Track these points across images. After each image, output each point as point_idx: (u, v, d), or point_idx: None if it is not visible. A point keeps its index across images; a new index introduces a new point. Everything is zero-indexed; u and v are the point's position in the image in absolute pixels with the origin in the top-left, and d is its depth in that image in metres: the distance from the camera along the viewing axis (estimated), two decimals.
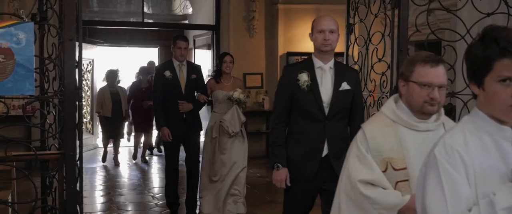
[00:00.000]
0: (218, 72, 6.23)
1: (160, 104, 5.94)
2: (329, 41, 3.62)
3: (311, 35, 3.72)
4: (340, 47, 6.60)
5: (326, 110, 3.61)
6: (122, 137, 10.60)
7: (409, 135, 2.56)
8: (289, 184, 3.66)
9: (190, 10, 12.73)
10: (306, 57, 11.78)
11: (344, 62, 5.02)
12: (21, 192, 5.21)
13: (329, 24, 3.68)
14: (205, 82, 6.30)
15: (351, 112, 3.74)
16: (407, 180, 2.51)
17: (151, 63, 11.33)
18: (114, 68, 10.17)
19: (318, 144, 3.62)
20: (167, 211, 6.38)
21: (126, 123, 11.16)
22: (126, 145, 11.68)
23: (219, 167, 6.00)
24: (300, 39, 10.32)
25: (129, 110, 10.11)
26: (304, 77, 3.60)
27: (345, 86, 3.66)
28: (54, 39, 3.95)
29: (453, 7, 4.39)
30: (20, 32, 3.54)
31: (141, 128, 10.21)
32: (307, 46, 10.44)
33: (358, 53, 4.72)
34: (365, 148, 2.55)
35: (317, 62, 3.68)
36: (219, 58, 6.32)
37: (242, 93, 6.05)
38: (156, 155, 11.04)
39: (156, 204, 6.85)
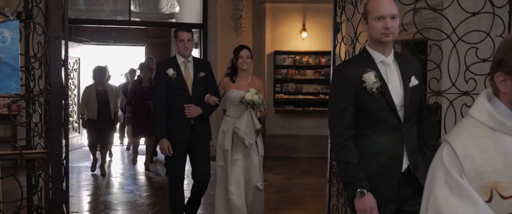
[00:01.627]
0: (233, 70, 5.33)
1: (160, 109, 5.02)
2: (391, 30, 2.88)
3: (365, 23, 2.97)
4: (327, 46, 6.63)
5: (401, 114, 2.88)
6: (111, 143, 9.51)
7: None
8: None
9: (177, 9, 12.70)
10: (293, 56, 11.73)
11: (331, 62, 5.03)
12: (6, 191, 5.16)
13: (390, 8, 2.93)
14: (217, 82, 5.44)
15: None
16: None
17: (150, 59, 10.64)
18: (102, 65, 9.34)
19: (397, 157, 2.89)
20: (155, 209, 6.36)
21: (118, 126, 10.32)
22: (117, 143, 11.63)
23: (234, 182, 5.16)
24: (287, 38, 10.35)
25: (127, 113, 9.29)
26: (371, 77, 2.83)
27: (414, 81, 2.96)
28: (39, 38, 3.92)
29: (439, 6, 4.42)
30: (5, 30, 3.51)
31: (141, 131, 9.17)
32: (295, 45, 10.48)
33: (345, 52, 4.73)
34: (457, 171, 1.80)
35: (377, 56, 2.92)
36: (234, 53, 5.34)
37: (256, 94, 5.10)
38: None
39: (142, 203, 6.83)
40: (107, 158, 9.58)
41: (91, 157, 9.00)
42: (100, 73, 8.79)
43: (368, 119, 2.88)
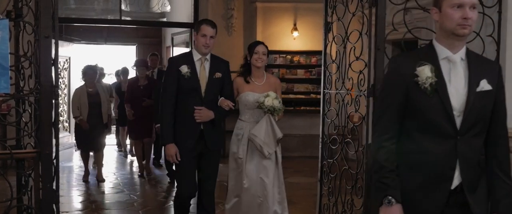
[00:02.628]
0: (247, 68, 4.84)
1: (169, 110, 4.42)
2: (469, 22, 2.46)
3: (436, 10, 2.56)
4: (318, 46, 6.64)
5: (458, 121, 2.46)
6: (104, 146, 8.45)
7: None
8: None
9: (168, 8, 12.68)
10: (285, 55, 11.68)
11: (322, 61, 5.04)
12: None
13: None
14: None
15: (489, 123, 2.56)
16: None
17: (154, 55, 9.66)
18: (93, 63, 8.57)
19: (446, 170, 2.47)
20: (146, 209, 6.34)
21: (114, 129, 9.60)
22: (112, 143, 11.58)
23: (248, 198, 4.67)
24: (278, 37, 10.35)
25: (127, 111, 8.37)
26: (426, 72, 2.45)
27: (485, 85, 2.50)
28: (29, 37, 3.90)
29: (429, 6, 4.42)
30: None
31: (139, 133, 8.38)
32: (286, 44, 10.49)
33: (336, 51, 4.74)
34: None
35: (443, 51, 2.51)
36: (248, 49, 4.86)
37: (276, 98, 4.59)
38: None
39: (133, 203, 6.81)
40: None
41: (83, 165, 8.19)
42: (90, 73, 7.89)
43: (417, 120, 2.49)
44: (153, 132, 8.31)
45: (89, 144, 7.87)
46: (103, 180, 7.95)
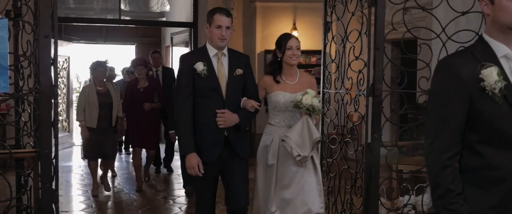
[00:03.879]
0: (277, 66, 4.21)
1: (186, 115, 3.81)
2: None
3: (486, 3, 2.23)
4: (317, 45, 6.65)
5: None
6: (115, 157, 7.55)
7: None
8: None
9: (167, 8, 12.66)
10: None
11: (321, 61, 5.04)
12: None
13: None
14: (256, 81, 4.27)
15: None
16: None
17: (156, 53, 8.76)
18: (103, 59, 7.33)
19: None
20: (145, 208, 6.34)
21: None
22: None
23: (281, 208, 4.05)
24: (278, 36, 10.34)
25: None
26: (493, 75, 2.05)
27: None
28: (29, 36, 3.90)
29: (428, 5, 4.44)
30: None
31: (141, 143, 7.39)
32: None
33: (336, 51, 4.75)
34: None
35: (500, 48, 2.14)
36: (277, 44, 4.20)
37: (316, 96, 4.02)
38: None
39: (133, 202, 6.81)
40: (109, 173, 7.77)
41: (92, 177, 7.12)
42: (100, 69, 6.94)
43: (484, 131, 2.09)
44: (157, 142, 7.76)
45: (99, 151, 6.87)
46: (109, 189, 7.21)
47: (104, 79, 7.06)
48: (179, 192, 7.27)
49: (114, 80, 9.58)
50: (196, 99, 3.83)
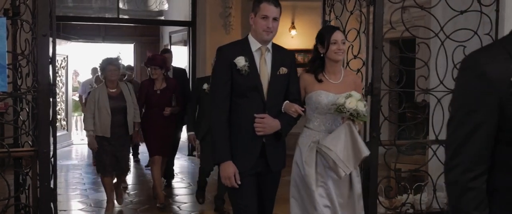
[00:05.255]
0: (319, 62, 3.68)
1: (223, 117, 3.29)
2: None
3: None
4: None
5: None
6: (129, 169, 6.30)
7: None
8: None
9: (166, 6, 12.66)
10: None
11: None
12: None
13: None
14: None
15: None
16: None
17: (167, 52, 7.86)
18: (114, 56, 6.40)
19: None
20: (144, 207, 6.34)
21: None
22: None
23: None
24: (276, 35, 10.27)
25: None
26: None
27: None
28: (27, 35, 3.90)
29: (427, 4, 4.44)
30: None
31: (158, 151, 6.30)
32: (284, 42, 10.47)
33: None
34: None
35: None
36: (319, 39, 3.68)
37: (361, 100, 3.45)
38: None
39: (131, 201, 6.81)
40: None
41: (106, 193, 6.04)
42: (112, 68, 5.80)
43: None
44: (175, 150, 7.05)
45: (114, 165, 5.80)
46: (122, 202, 6.33)
47: (117, 79, 5.93)
48: (179, 191, 7.27)
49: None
50: (233, 99, 3.31)
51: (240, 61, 3.25)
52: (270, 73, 3.34)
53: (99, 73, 6.18)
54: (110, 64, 5.78)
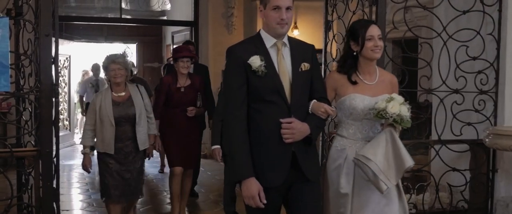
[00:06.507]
0: (352, 61, 3.23)
1: (241, 127, 2.86)
2: None
3: None
4: (318, 44, 6.61)
5: None
6: (142, 194, 4.97)
7: None
8: None
9: (168, 6, 12.66)
10: None
11: (322, 60, 5.04)
12: None
13: None
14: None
15: None
16: None
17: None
18: (119, 52, 5.00)
19: None
20: (146, 208, 6.34)
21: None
22: None
23: None
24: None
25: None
26: None
27: None
28: (30, 35, 3.91)
29: (429, 4, 4.44)
30: None
31: (183, 158, 5.29)
32: None
33: (336, 50, 4.74)
34: None
35: None
36: (351, 34, 3.22)
37: (404, 103, 3.05)
38: None
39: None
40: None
41: None
42: (115, 68, 4.59)
43: None
44: (199, 158, 5.91)
45: (123, 189, 4.60)
46: None
47: (125, 80, 4.68)
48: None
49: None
50: (250, 105, 2.88)
51: (255, 61, 2.83)
52: (290, 71, 2.91)
53: (103, 74, 4.99)
54: (113, 63, 4.58)
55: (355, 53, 3.18)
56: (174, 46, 5.74)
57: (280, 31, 2.88)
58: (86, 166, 4.68)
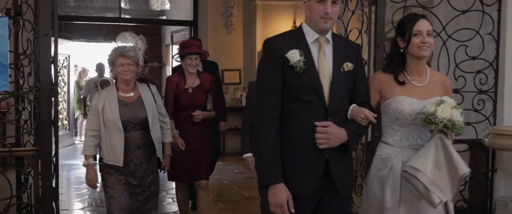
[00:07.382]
0: (398, 60, 2.96)
1: (272, 129, 2.62)
2: None
3: None
4: None
5: None
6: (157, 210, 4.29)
7: None
8: None
9: (167, 6, 12.66)
10: None
11: None
12: None
13: None
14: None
15: None
16: None
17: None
18: (126, 44, 4.19)
19: None
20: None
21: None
22: None
23: None
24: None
25: None
26: None
27: None
28: (29, 35, 3.91)
29: (429, 4, 4.44)
30: None
31: (187, 174, 4.74)
32: None
33: None
34: None
35: None
36: (400, 29, 2.95)
37: (456, 107, 2.77)
38: None
39: None
40: None
41: None
42: (125, 62, 3.88)
43: None
44: (208, 170, 4.95)
45: (131, 208, 3.90)
46: None
47: (135, 78, 3.96)
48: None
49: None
50: (284, 103, 2.64)
51: (294, 55, 2.58)
52: (331, 70, 2.66)
53: (109, 72, 4.11)
54: (122, 56, 3.87)
55: (402, 51, 2.92)
56: (179, 42, 5.14)
57: (323, 26, 2.63)
58: (92, 180, 3.93)
